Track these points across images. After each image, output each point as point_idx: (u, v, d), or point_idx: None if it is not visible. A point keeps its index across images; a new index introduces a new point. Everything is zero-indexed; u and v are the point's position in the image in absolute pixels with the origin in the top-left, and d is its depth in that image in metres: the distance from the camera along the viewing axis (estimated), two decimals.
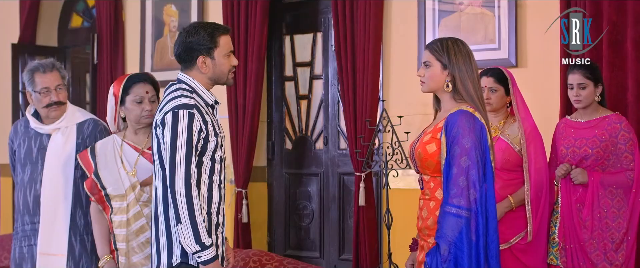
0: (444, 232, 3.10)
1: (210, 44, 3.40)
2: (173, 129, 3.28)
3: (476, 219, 3.11)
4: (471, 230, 3.10)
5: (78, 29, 7.98)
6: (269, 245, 6.57)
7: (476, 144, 3.14)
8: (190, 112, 3.29)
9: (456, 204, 3.10)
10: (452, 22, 5.49)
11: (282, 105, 6.58)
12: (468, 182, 3.11)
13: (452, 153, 3.14)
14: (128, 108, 3.86)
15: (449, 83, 3.25)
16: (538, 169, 4.18)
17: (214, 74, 3.44)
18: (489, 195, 3.16)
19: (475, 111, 3.19)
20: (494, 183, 3.20)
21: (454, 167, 3.13)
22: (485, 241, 3.13)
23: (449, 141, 3.16)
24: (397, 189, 5.54)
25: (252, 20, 6.18)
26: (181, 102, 3.32)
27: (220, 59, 3.42)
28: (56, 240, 4.12)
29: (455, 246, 3.09)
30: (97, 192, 3.84)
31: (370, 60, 5.63)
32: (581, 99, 4.28)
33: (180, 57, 3.45)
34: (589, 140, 4.26)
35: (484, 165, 3.16)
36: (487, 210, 3.14)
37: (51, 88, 4.15)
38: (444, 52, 3.24)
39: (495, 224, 3.17)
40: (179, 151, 3.27)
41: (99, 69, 7.16)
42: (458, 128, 3.14)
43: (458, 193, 3.11)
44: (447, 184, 3.14)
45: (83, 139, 4.17)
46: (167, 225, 3.36)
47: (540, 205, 4.19)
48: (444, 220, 3.12)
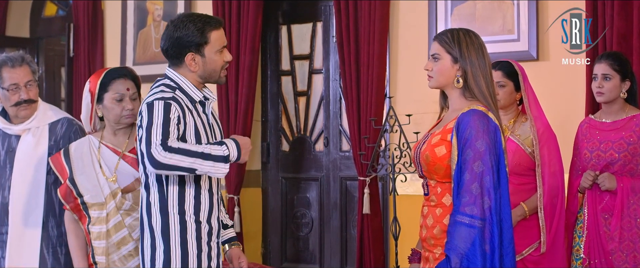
0: (455, 244, 3.10)
1: (200, 40, 3.39)
2: (148, 116, 3.28)
3: (490, 230, 3.10)
4: (485, 242, 3.09)
5: (52, 18, 7.99)
6: (263, 257, 6.58)
7: (490, 147, 3.13)
8: (165, 102, 3.31)
9: (469, 213, 3.10)
10: (466, 11, 5.49)
11: (278, 103, 6.59)
12: (482, 189, 3.11)
13: (464, 158, 3.14)
14: (106, 106, 3.85)
15: (459, 78, 3.24)
16: (552, 173, 4.16)
17: (205, 71, 3.44)
18: (504, 203, 3.15)
19: (488, 111, 3.19)
20: (508, 190, 3.20)
21: (466, 173, 3.12)
22: (500, 253, 3.13)
23: (461, 144, 3.15)
24: (405, 195, 5.54)
25: (244, 9, 6.18)
26: (158, 95, 3.34)
27: (211, 55, 3.42)
28: (26, 252, 4.12)
29: (467, 259, 3.08)
30: (73, 199, 3.83)
31: (376, 52, 5.63)
32: (604, 92, 4.28)
33: (167, 53, 3.45)
34: (615, 143, 4.25)
35: (498, 170, 3.16)
36: (502, 220, 3.14)
37: (20, 84, 4.15)
38: (455, 44, 3.24)
39: (511, 235, 3.17)
40: (153, 130, 3.24)
41: (75, 62, 7.17)
42: (471, 129, 3.14)
43: (471, 201, 3.10)
44: (458, 191, 3.14)
45: (56, 141, 4.18)
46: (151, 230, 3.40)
47: (555, 213, 4.18)
48: (454, 230, 3.11)
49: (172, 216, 3.38)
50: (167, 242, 3.37)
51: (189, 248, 3.38)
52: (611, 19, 4.82)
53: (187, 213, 3.39)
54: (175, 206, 3.38)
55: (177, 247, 3.36)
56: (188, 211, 3.39)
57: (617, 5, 4.79)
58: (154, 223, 3.38)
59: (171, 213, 3.38)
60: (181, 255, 3.37)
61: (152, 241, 3.39)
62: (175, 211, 3.38)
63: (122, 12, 7.02)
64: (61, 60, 7.87)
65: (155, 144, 3.22)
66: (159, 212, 3.38)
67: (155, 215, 3.38)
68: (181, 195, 3.39)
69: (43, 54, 8.00)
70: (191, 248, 3.38)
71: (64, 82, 7.69)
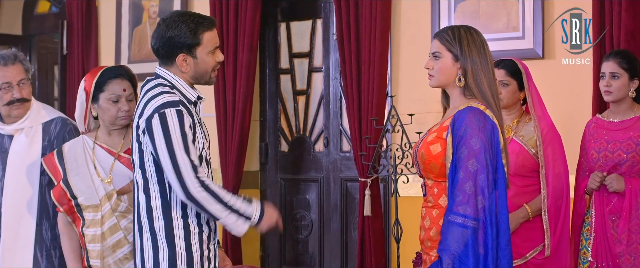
0: (448, 244, 3.10)
1: (192, 41, 3.39)
2: (164, 131, 3.30)
3: (485, 230, 3.10)
4: (478, 243, 3.09)
5: (45, 14, 7.99)
6: (261, 260, 6.58)
7: (486, 146, 3.14)
8: (177, 109, 3.32)
9: (462, 213, 3.10)
10: (469, 7, 5.50)
11: (277, 102, 6.59)
12: (476, 188, 3.11)
13: (458, 156, 3.14)
14: (102, 107, 3.85)
15: (460, 77, 3.25)
16: (557, 174, 4.16)
17: (196, 72, 3.45)
18: (501, 204, 3.15)
19: (486, 109, 3.19)
20: (506, 191, 3.20)
21: (460, 171, 3.13)
22: (496, 255, 3.13)
23: (456, 141, 3.16)
24: (407, 197, 5.54)
25: (242, 5, 6.18)
26: (165, 99, 3.33)
27: (203, 56, 3.43)
28: (20, 256, 4.12)
29: (460, 260, 3.09)
30: (67, 201, 3.83)
31: (377, 50, 5.64)
32: (612, 90, 4.29)
33: (158, 52, 3.46)
34: (623, 143, 4.26)
35: (495, 169, 3.16)
36: (499, 221, 3.14)
37: (13, 83, 4.15)
38: (456, 42, 3.25)
39: (508, 237, 3.17)
40: (179, 152, 3.30)
41: (69, 60, 7.17)
42: (466, 127, 3.14)
43: (464, 200, 3.11)
44: (452, 190, 3.14)
45: (50, 141, 4.18)
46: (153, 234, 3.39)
47: (560, 215, 4.18)
48: (447, 230, 3.12)
49: (175, 220, 3.39)
50: (172, 246, 3.38)
51: (193, 252, 3.40)
52: (619, 16, 4.82)
53: (190, 217, 3.41)
54: (179, 210, 3.39)
55: (182, 251, 3.38)
56: (191, 214, 3.41)
57: (625, 2, 4.80)
58: (157, 227, 3.38)
59: (175, 217, 3.39)
60: (186, 259, 3.38)
61: (154, 245, 3.40)
62: (179, 215, 3.39)
63: (117, 9, 7.02)
64: (54, 58, 7.87)
65: (190, 175, 3.28)
66: (162, 215, 3.38)
67: (158, 219, 3.38)
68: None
69: (36, 51, 8.00)
70: (195, 251, 3.40)
71: (57, 80, 7.69)
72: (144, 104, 3.37)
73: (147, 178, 3.39)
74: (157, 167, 3.36)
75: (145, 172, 3.37)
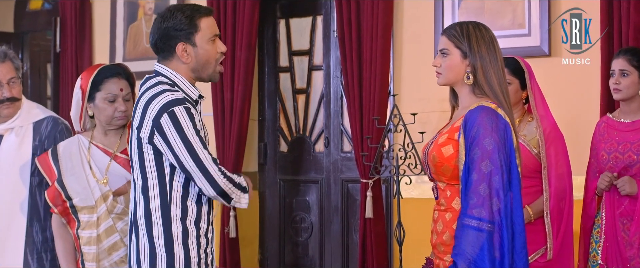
0: (462, 248, 3.09)
1: (189, 28, 3.39)
2: (178, 130, 3.30)
3: (500, 233, 3.10)
4: (494, 246, 3.09)
5: (38, 11, 7.98)
6: (260, 263, 6.58)
7: (500, 146, 3.13)
8: (185, 107, 3.32)
9: (476, 216, 3.09)
10: (473, 4, 5.50)
11: (276, 101, 6.59)
12: (490, 190, 3.10)
13: (471, 157, 3.13)
14: (98, 106, 3.84)
15: (469, 74, 3.25)
16: (559, 175, 4.15)
17: (198, 63, 3.43)
18: (516, 206, 3.15)
19: (498, 107, 3.19)
20: (521, 192, 3.19)
21: (473, 173, 3.12)
22: (512, 259, 3.13)
23: (468, 142, 3.15)
24: (410, 198, 5.55)
25: (240, 2, 6.18)
26: (169, 97, 3.32)
27: (203, 44, 3.42)
28: (9, 258, 4.11)
29: (476, 265, 3.08)
30: (61, 202, 3.82)
31: (379, 48, 5.64)
32: (621, 88, 4.28)
33: (157, 46, 3.45)
34: (634, 144, 4.26)
35: (509, 170, 3.15)
36: (514, 223, 3.14)
37: (3, 82, 4.14)
38: (465, 38, 3.24)
39: (524, 239, 3.16)
40: (199, 150, 3.32)
41: (62, 58, 7.17)
42: (478, 127, 3.13)
43: (478, 203, 3.10)
44: (466, 192, 3.13)
45: (41, 141, 4.17)
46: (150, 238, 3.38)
47: (563, 217, 4.17)
48: (462, 234, 3.11)
49: (174, 222, 3.37)
50: (170, 251, 3.36)
51: (191, 257, 3.38)
52: (627, 12, 4.82)
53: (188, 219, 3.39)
54: (178, 212, 3.38)
55: (180, 256, 3.37)
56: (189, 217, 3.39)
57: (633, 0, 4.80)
58: (155, 231, 3.36)
59: (173, 220, 3.37)
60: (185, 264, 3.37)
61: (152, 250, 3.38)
62: (178, 217, 3.38)
63: (112, 5, 7.02)
64: (47, 56, 7.86)
65: (215, 170, 3.33)
66: (160, 218, 3.37)
67: (156, 221, 3.37)
68: (184, 200, 3.38)
69: (28, 49, 7.99)
70: (193, 256, 3.39)
71: (50, 79, 7.69)
72: (146, 103, 3.34)
73: (146, 178, 3.37)
74: (158, 167, 3.36)
75: (145, 172, 3.36)
